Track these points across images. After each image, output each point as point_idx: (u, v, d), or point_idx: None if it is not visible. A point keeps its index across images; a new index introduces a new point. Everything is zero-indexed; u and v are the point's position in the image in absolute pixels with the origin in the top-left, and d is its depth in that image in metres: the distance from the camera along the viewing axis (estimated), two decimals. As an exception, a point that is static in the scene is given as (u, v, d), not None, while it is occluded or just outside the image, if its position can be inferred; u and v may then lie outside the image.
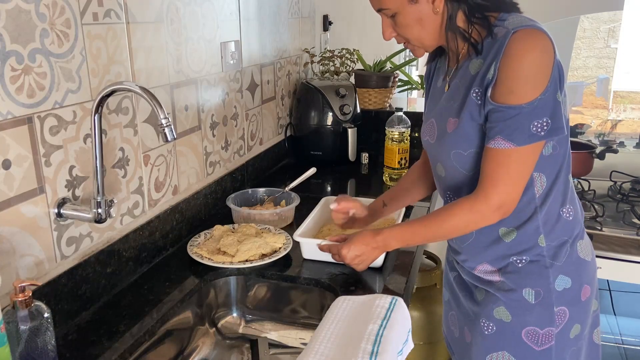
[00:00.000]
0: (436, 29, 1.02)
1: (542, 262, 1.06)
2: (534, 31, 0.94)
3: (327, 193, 1.79)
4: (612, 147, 2.13)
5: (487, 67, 0.97)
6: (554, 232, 1.06)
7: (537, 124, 0.94)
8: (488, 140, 0.98)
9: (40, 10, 0.93)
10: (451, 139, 1.05)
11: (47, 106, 0.97)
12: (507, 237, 1.07)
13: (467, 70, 1.03)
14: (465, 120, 1.01)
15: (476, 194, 1.01)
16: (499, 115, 0.95)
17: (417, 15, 1.00)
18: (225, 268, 1.26)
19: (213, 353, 1.24)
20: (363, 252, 1.15)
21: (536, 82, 0.93)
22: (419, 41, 1.05)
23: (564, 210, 1.07)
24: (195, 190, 1.47)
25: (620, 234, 1.78)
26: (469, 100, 1.01)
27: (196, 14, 1.41)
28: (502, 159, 0.97)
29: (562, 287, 1.06)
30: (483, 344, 1.11)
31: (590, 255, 1.12)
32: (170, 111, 1.34)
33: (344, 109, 2.01)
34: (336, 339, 0.96)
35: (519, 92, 0.93)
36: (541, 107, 0.93)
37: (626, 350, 2.43)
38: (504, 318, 1.08)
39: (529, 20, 0.96)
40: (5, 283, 0.88)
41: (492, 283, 1.10)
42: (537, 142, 0.96)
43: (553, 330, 1.06)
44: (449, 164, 1.09)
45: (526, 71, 0.92)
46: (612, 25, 7.25)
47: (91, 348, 0.98)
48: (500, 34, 0.96)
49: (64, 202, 1.01)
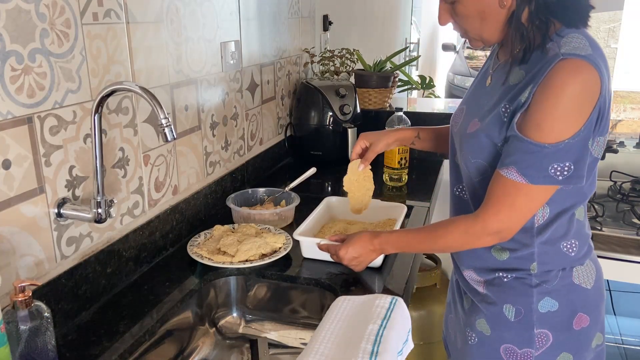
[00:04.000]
0: (499, 24, 0.94)
1: (527, 280, 1.02)
2: (582, 63, 0.85)
3: (327, 193, 1.79)
4: (612, 147, 2.13)
5: (524, 86, 0.91)
6: (549, 263, 1.01)
7: (558, 167, 0.88)
8: (502, 166, 0.93)
9: (40, 10, 0.93)
10: (467, 141, 1.03)
11: (47, 106, 0.97)
12: (499, 254, 1.05)
13: (507, 77, 0.96)
14: (485, 132, 0.97)
15: (475, 217, 0.98)
16: (519, 145, 0.89)
17: (480, 7, 0.93)
18: (225, 268, 1.26)
19: (213, 353, 1.24)
20: (361, 254, 1.15)
21: (568, 123, 0.86)
22: (478, 34, 0.97)
23: (565, 244, 1.01)
24: (195, 190, 1.47)
25: (620, 234, 1.78)
26: (496, 112, 0.95)
27: (196, 14, 1.41)
28: (510, 190, 0.92)
29: (547, 310, 1.01)
30: (468, 352, 1.11)
31: (592, 282, 1.03)
32: (170, 111, 1.34)
33: (344, 109, 2.01)
34: (336, 339, 0.96)
35: (547, 130, 0.86)
36: (567, 150, 0.87)
37: (626, 350, 2.43)
38: (484, 331, 1.07)
39: (584, 48, 0.87)
40: (5, 283, 0.88)
41: (478, 293, 1.09)
42: (552, 185, 0.90)
43: (532, 352, 1.02)
44: (464, 161, 1.06)
45: (560, 110, 0.85)
46: (612, 25, 7.25)
47: (91, 348, 0.98)
48: (550, 53, 0.88)
49: (64, 202, 1.01)
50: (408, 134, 1.32)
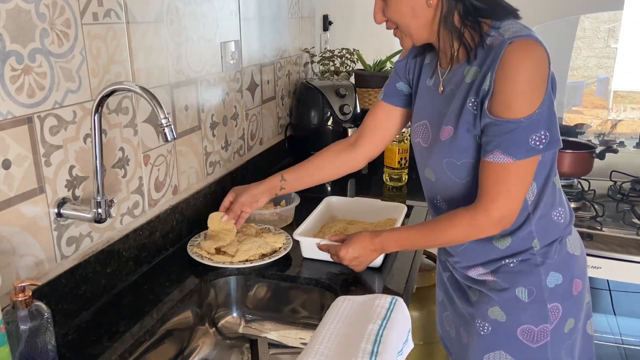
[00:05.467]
0: (427, 23, 1.00)
1: (532, 260, 1.06)
2: (530, 42, 0.92)
3: (327, 193, 1.79)
4: (612, 147, 2.13)
5: (483, 77, 0.96)
6: (547, 235, 1.06)
7: (536, 138, 0.93)
8: (486, 153, 0.97)
9: (40, 10, 0.93)
10: (445, 148, 1.04)
11: (47, 106, 0.97)
12: (501, 243, 1.07)
13: (463, 77, 1.01)
14: (462, 131, 1.00)
15: (475, 208, 1.00)
16: (496, 128, 0.94)
17: (411, 3, 0.99)
18: (225, 268, 1.26)
19: (213, 353, 1.24)
20: (361, 254, 1.15)
21: (533, 95, 0.92)
22: (407, 30, 1.03)
23: (555, 214, 1.07)
24: (195, 190, 1.47)
25: (620, 234, 1.78)
26: (465, 109, 0.99)
27: (196, 14, 1.41)
28: (501, 173, 0.96)
29: (554, 284, 1.06)
30: (480, 344, 1.11)
31: (579, 249, 1.12)
32: (170, 111, 1.34)
33: (344, 109, 2.01)
34: (336, 339, 0.96)
35: (517, 106, 0.92)
36: (538, 120, 0.92)
37: (626, 350, 2.43)
38: (498, 318, 1.08)
39: (525, 29, 0.94)
40: (5, 283, 0.88)
41: (485, 283, 1.11)
42: (536, 156, 0.95)
43: (548, 326, 1.06)
44: (440, 170, 1.08)
45: (523, 85, 0.91)
46: (612, 25, 7.25)
47: (91, 348, 0.98)
48: (495, 43, 0.94)
49: (64, 202, 1.01)
50: (273, 181, 1.30)
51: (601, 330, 2.49)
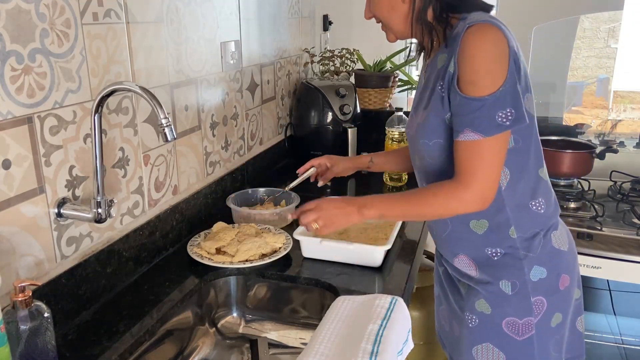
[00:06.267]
0: (403, 17, 1.07)
1: (515, 254, 1.08)
2: (486, 25, 0.97)
3: (327, 193, 1.79)
4: (612, 147, 2.13)
5: (449, 60, 1.00)
6: (524, 225, 1.08)
7: (502, 114, 0.96)
8: (457, 134, 0.99)
9: (40, 10, 0.93)
10: (420, 130, 1.08)
11: (47, 106, 0.97)
12: (479, 228, 1.09)
13: (435, 63, 1.06)
14: (432, 112, 1.05)
15: (457, 182, 1.01)
16: (464, 108, 0.98)
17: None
18: (225, 268, 1.26)
19: (213, 353, 1.24)
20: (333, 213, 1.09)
21: (494, 74, 0.95)
22: (388, 25, 1.10)
23: (533, 204, 1.08)
24: (195, 190, 1.47)
25: (620, 234, 1.78)
26: (435, 92, 1.04)
27: (196, 14, 1.41)
28: (475, 150, 0.98)
29: (538, 278, 1.07)
30: (469, 336, 1.13)
31: (567, 244, 1.13)
32: (170, 111, 1.34)
33: (344, 109, 2.01)
34: (336, 339, 0.96)
35: (480, 84, 0.96)
36: (503, 97, 0.96)
37: (626, 350, 2.43)
38: (484, 310, 1.10)
39: (486, 16, 0.99)
40: (5, 283, 0.88)
41: (472, 277, 1.13)
42: (504, 132, 0.98)
43: (532, 320, 1.07)
44: (420, 154, 1.12)
45: (482, 64, 0.95)
46: (612, 25, 7.26)
47: (91, 348, 0.98)
48: (459, 29, 1.00)
49: (64, 202, 1.01)
50: (363, 160, 1.46)
51: (601, 330, 2.49)
